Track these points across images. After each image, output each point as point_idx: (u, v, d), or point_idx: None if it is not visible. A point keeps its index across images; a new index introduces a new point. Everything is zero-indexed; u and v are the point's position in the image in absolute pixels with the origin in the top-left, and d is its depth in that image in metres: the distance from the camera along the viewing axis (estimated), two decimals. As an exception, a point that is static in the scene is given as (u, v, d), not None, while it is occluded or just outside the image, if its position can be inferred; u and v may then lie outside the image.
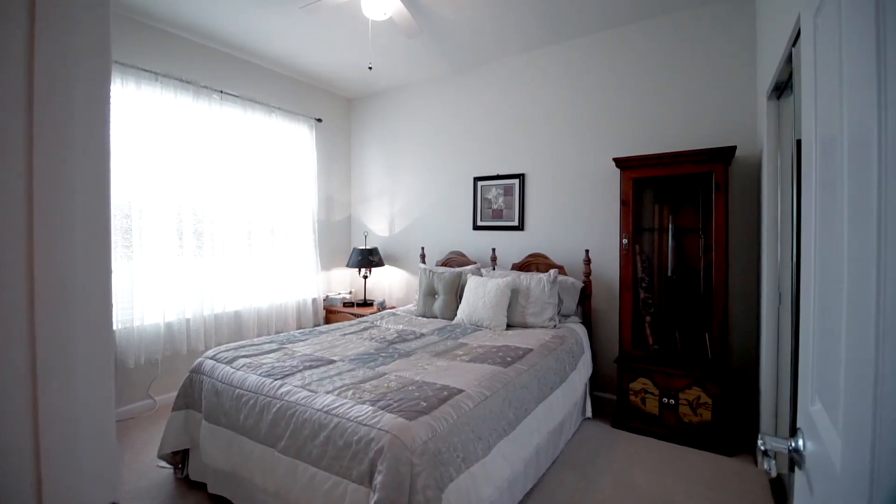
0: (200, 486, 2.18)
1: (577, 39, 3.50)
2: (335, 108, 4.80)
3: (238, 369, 2.14)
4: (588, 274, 3.29)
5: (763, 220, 2.49)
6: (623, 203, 2.94)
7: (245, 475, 1.87)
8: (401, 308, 3.97)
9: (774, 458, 0.80)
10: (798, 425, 0.82)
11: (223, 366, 2.20)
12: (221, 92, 3.61)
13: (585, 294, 3.31)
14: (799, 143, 1.76)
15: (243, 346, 2.46)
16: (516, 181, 3.82)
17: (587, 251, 3.30)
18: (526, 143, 3.78)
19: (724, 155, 2.61)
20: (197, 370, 2.28)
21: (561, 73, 3.58)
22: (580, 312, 3.36)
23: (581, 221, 3.49)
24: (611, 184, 3.29)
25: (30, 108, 0.51)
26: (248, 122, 3.83)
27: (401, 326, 3.14)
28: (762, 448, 0.79)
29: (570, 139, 3.55)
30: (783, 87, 2.20)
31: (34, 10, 0.53)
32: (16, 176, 0.50)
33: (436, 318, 3.45)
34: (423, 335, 2.89)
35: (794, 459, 0.79)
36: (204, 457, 2.06)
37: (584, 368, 2.90)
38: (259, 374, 2.05)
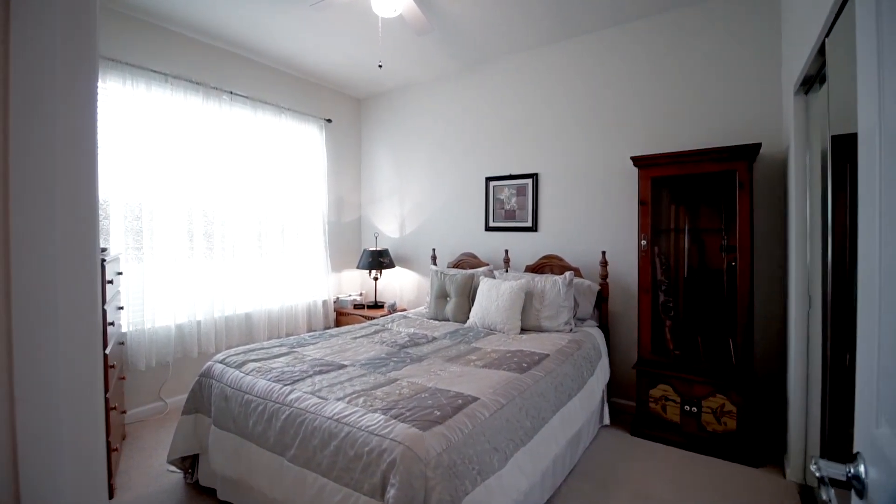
0: (210, 492, 2.15)
1: (589, 35, 3.40)
2: (345, 109, 4.77)
3: (247, 374, 2.10)
4: (604, 276, 3.19)
5: (790, 221, 2.38)
6: (641, 203, 2.84)
7: (253, 483, 1.83)
8: (412, 310, 3.91)
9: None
10: (857, 449, 0.74)
11: (232, 370, 2.16)
12: (231, 93, 3.59)
13: (602, 297, 3.22)
14: (834, 138, 1.66)
15: (253, 350, 2.42)
16: (529, 181, 3.74)
17: (603, 252, 3.21)
18: (539, 142, 3.70)
19: (748, 152, 2.51)
20: (206, 374, 2.24)
21: (574, 69, 3.50)
22: (596, 316, 3.26)
23: (596, 222, 3.40)
24: (627, 183, 3.19)
25: (5, 107, 0.46)
26: (257, 123, 3.81)
27: (412, 329, 3.08)
28: (818, 475, 0.71)
29: (584, 138, 3.46)
30: (812, 80, 2.10)
31: (9, 4, 0.47)
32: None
33: (448, 320, 3.38)
34: (435, 339, 2.83)
35: (854, 486, 0.72)
36: (213, 463, 2.02)
37: (601, 374, 2.81)
38: (268, 380, 2.00)
